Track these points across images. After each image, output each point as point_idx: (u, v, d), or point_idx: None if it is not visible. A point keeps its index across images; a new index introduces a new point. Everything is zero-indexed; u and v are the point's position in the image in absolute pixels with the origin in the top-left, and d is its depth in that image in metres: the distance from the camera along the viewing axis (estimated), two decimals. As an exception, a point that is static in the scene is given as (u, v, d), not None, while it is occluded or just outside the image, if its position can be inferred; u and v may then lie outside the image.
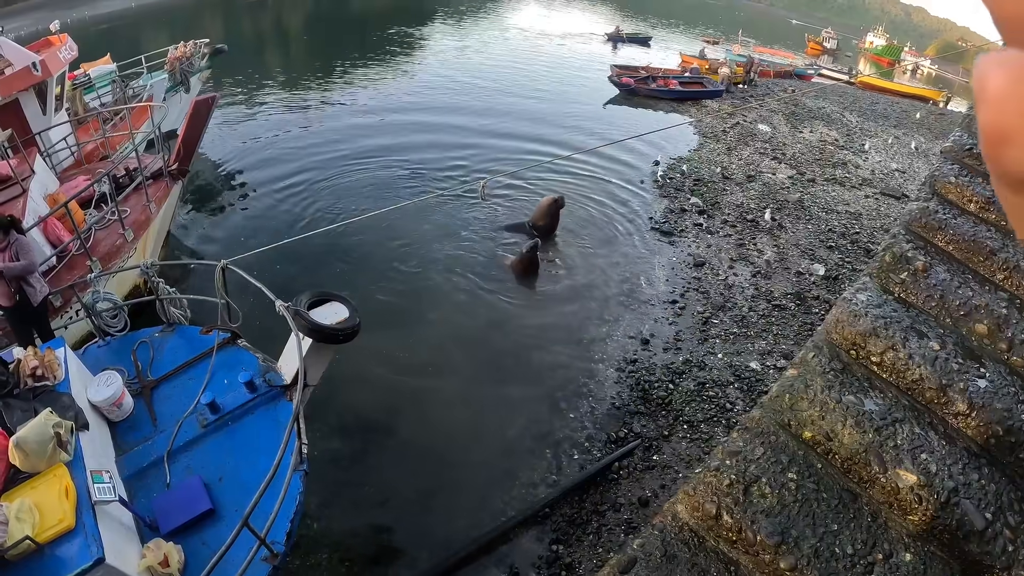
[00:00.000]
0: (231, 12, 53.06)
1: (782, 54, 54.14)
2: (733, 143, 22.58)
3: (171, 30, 38.76)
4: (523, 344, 10.45)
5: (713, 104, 28.71)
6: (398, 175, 16.51)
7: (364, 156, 17.67)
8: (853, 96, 37.29)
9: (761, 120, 26.04)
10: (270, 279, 5.60)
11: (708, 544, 2.44)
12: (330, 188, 15.50)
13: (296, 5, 59.16)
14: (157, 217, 10.71)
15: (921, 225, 4.10)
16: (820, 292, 12.61)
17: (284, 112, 22.01)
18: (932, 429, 2.81)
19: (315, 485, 6.42)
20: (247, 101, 23.07)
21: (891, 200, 18.81)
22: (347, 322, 5.48)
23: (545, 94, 27.11)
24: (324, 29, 46.11)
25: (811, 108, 29.91)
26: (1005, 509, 2.52)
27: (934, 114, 35.23)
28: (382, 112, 22.39)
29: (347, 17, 53.31)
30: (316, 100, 23.80)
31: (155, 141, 11.34)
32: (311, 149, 18.10)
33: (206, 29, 36.14)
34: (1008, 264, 3.81)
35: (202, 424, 5.51)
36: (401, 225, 12.76)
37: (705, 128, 24.17)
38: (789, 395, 2.92)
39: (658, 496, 7.66)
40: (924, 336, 3.17)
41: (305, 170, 16.47)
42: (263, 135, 19.31)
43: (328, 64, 29.66)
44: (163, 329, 6.65)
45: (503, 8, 64.69)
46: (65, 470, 4.51)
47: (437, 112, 22.73)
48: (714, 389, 9.59)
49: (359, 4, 62.50)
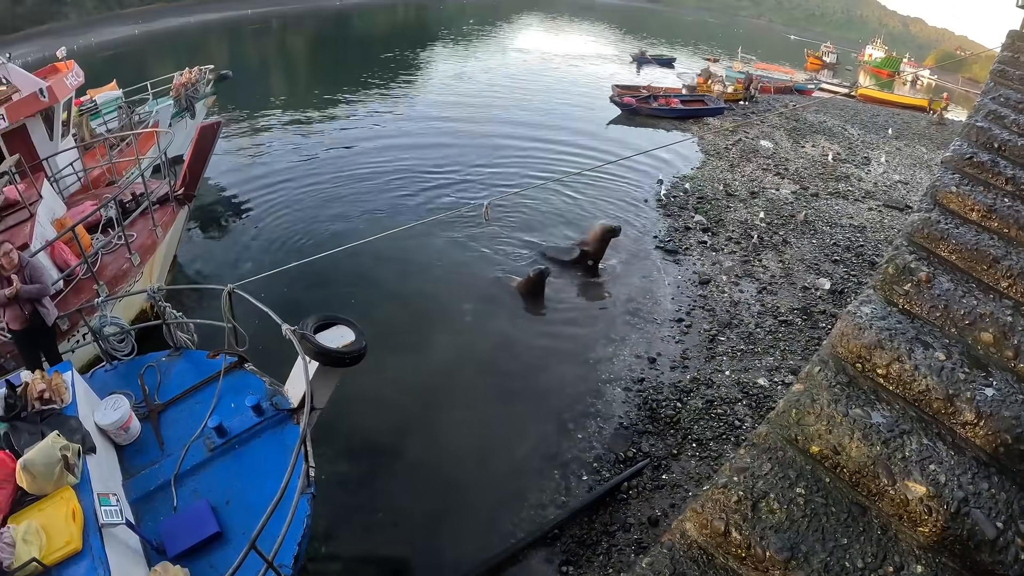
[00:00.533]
0: (236, 38, 53.58)
1: (782, 70, 54.52)
2: (736, 160, 22.66)
3: (176, 56, 39.19)
4: (530, 365, 10.45)
5: (715, 121, 28.88)
6: (402, 197, 16.60)
7: (368, 178, 17.80)
8: (854, 109, 37.46)
9: (763, 136, 26.15)
10: (276, 303, 5.63)
11: (717, 561, 2.42)
12: (334, 211, 15.59)
13: (300, 29, 59.79)
14: (163, 242, 10.77)
15: (923, 236, 4.09)
16: (826, 306, 12.60)
17: (289, 136, 22.18)
18: (940, 439, 2.79)
19: (322, 508, 6.41)
20: (252, 126, 23.26)
21: (894, 212, 18.86)
22: (353, 345, 5.49)
23: (547, 115, 27.32)
24: (328, 53, 46.62)
25: (812, 123, 30.04)
26: (1016, 518, 2.49)
27: (935, 124, 35.26)
28: (385, 135, 22.57)
29: (350, 40, 53.87)
30: (320, 123, 24.01)
31: (161, 166, 11.45)
32: (315, 172, 18.23)
33: (211, 55, 36.49)
34: (1012, 272, 3.79)
35: (209, 448, 5.52)
36: (406, 247, 12.80)
37: (707, 146, 24.29)
38: (795, 410, 2.91)
39: (668, 515, 7.63)
40: (929, 347, 3.16)
41: (310, 193, 16.58)
42: (268, 159, 19.46)
43: (332, 87, 29.90)
44: (170, 353, 6.68)
45: (504, 31, 65.29)
46: (72, 493, 4.52)
47: (439, 134, 22.91)
48: (722, 407, 9.56)
49: (362, 27, 63.18)
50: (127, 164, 13.24)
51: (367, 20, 68.75)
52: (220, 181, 17.48)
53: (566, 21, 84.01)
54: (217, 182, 17.34)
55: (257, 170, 18.44)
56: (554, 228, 15.51)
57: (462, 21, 70.34)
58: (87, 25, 49.25)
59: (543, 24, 77.85)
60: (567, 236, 15.07)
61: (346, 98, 28.01)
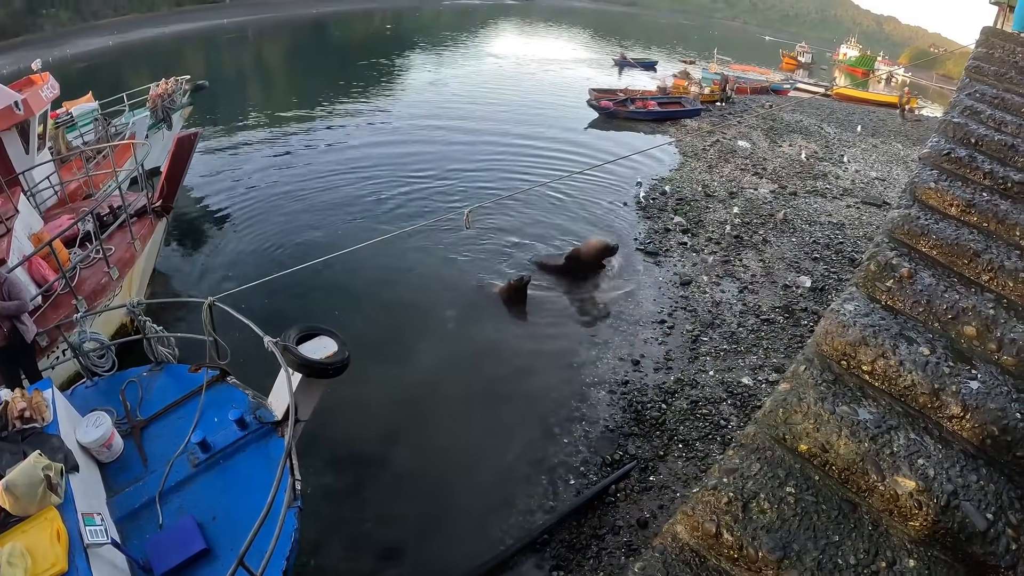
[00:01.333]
0: (212, 48, 53.29)
1: (758, 70, 54.91)
2: (714, 161, 22.81)
3: (152, 67, 38.80)
4: (514, 370, 10.43)
5: (692, 123, 29.07)
6: (382, 205, 16.54)
7: (347, 187, 17.75)
8: (830, 108, 37.89)
9: (740, 136, 26.35)
10: (257, 314, 5.58)
11: (710, 563, 2.42)
12: (314, 220, 15.51)
13: (277, 39, 59.56)
14: (142, 255, 10.67)
15: (904, 232, 4.12)
16: (808, 304, 12.67)
17: (266, 146, 22.05)
18: (927, 434, 2.81)
19: (310, 521, 6.34)
20: (229, 136, 23.11)
21: (872, 208, 19.04)
22: (336, 356, 5.44)
23: (525, 120, 27.34)
24: (304, 61, 46.41)
25: (789, 122, 30.31)
26: (1006, 508, 2.52)
27: (910, 121, 35.68)
28: (363, 143, 22.53)
29: (327, 49, 53.69)
30: (298, 132, 23.88)
31: (138, 178, 11.34)
32: (294, 182, 18.14)
33: (187, 65, 36.29)
34: (992, 265, 3.83)
35: (193, 463, 5.45)
36: (387, 256, 12.74)
37: (685, 147, 24.44)
38: (783, 409, 2.91)
39: (657, 517, 7.62)
40: (914, 342, 3.18)
41: (289, 203, 16.49)
42: (246, 169, 19.33)
43: (309, 96, 29.79)
44: (151, 368, 6.59)
45: (480, 38, 65.45)
46: (56, 513, 4.45)
47: (417, 141, 22.90)
48: (707, 407, 9.59)
49: (339, 36, 63.06)
50: (104, 177, 13.08)
51: (343, 28, 68.61)
52: (198, 192, 17.32)
53: (541, 26, 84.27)
54: (195, 193, 17.19)
55: (236, 181, 18.29)
56: (535, 233, 15.49)
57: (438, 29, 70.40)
58: (62, 37, 48.77)
59: (518, 30, 78.07)
60: (549, 241, 15.06)
61: (323, 107, 27.89)
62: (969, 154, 5.15)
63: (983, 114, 6.14)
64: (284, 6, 74.69)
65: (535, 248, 14.68)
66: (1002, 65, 7.80)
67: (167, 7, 65.11)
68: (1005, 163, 5.18)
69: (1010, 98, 6.70)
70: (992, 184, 4.82)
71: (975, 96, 6.64)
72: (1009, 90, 7.00)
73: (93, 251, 9.86)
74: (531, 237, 15.26)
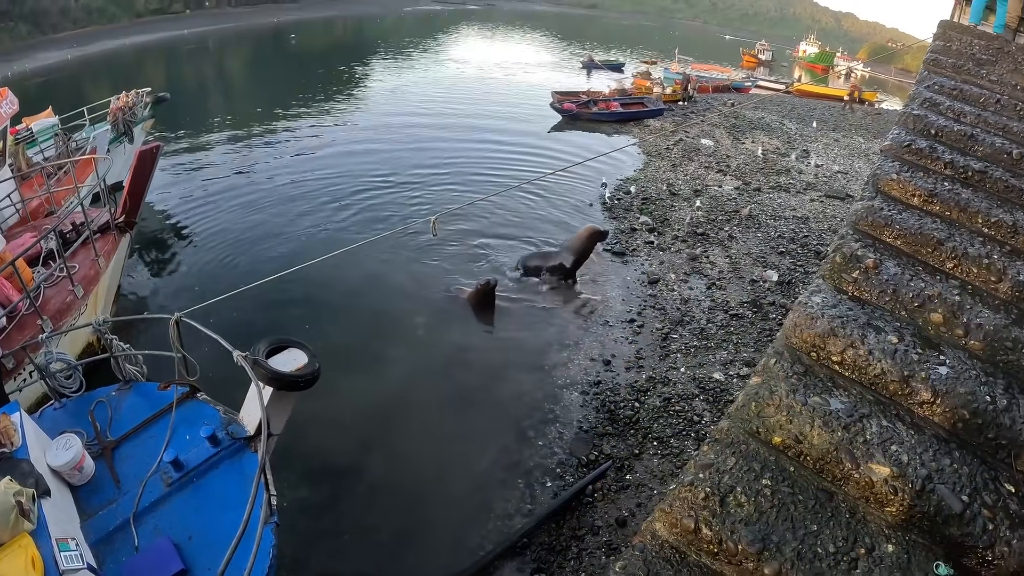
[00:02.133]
0: (173, 59, 52.63)
1: (719, 69, 55.45)
2: (678, 159, 22.98)
3: (113, 80, 38.20)
4: (486, 375, 10.39)
5: (655, 123, 29.26)
6: (348, 215, 16.41)
7: (313, 196, 17.57)
8: (791, 104, 38.47)
9: (703, 135, 26.59)
10: (225, 328, 5.49)
11: (690, 559, 2.42)
12: (281, 231, 15.33)
13: (238, 48, 59.10)
14: (107, 272, 10.50)
15: (868, 223, 4.18)
16: (776, 298, 12.79)
17: (230, 157, 21.79)
18: (899, 420, 2.84)
19: (288, 536, 6.27)
20: (192, 148, 22.82)
21: (836, 201, 19.31)
22: (307, 368, 5.38)
23: (489, 125, 27.24)
24: (266, 71, 46.07)
25: (751, 119, 30.66)
26: (981, 489, 2.56)
27: (871, 115, 36.28)
28: (327, 153, 22.35)
29: (289, 58, 53.33)
30: (261, 143, 23.62)
31: (101, 194, 11.14)
32: (259, 193, 17.93)
33: (148, 77, 35.85)
34: (956, 252, 3.90)
35: (166, 482, 5.36)
36: (355, 265, 12.63)
37: (649, 147, 24.56)
38: (755, 403, 2.93)
39: (635, 515, 7.63)
40: (882, 331, 3.22)
41: (254, 215, 16.30)
42: (210, 181, 19.08)
43: (271, 106, 29.50)
44: (120, 387, 6.47)
45: (442, 43, 65.40)
46: (30, 540, 4.34)
47: (382, 149, 22.75)
48: (680, 403, 9.62)
49: (300, 44, 62.58)
50: (66, 193, 12.85)
51: (305, 37, 68.16)
52: (162, 206, 17.04)
53: (503, 31, 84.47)
54: (159, 207, 16.91)
55: (199, 193, 18.00)
56: (502, 236, 15.47)
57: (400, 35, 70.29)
58: (21, 51, 47.81)
59: (480, 35, 78.13)
60: (517, 244, 15.05)
61: (287, 116, 27.63)
62: (930, 145, 5.23)
63: (942, 105, 6.25)
64: (245, 16, 74.09)
65: (502, 252, 14.64)
66: (959, 57, 7.95)
67: (127, 19, 64.22)
68: (965, 153, 5.28)
69: (968, 89, 6.83)
70: (953, 173, 4.90)
71: (934, 88, 6.76)
72: (967, 81, 7.14)
73: (57, 270, 9.68)
74: (498, 241, 15.23)
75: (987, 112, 6.29)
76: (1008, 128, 5.94)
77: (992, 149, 5.38)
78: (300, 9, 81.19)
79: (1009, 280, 3.73)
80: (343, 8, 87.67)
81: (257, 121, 26.71)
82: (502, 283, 12.91)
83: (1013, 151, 5.34)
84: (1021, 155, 5.30)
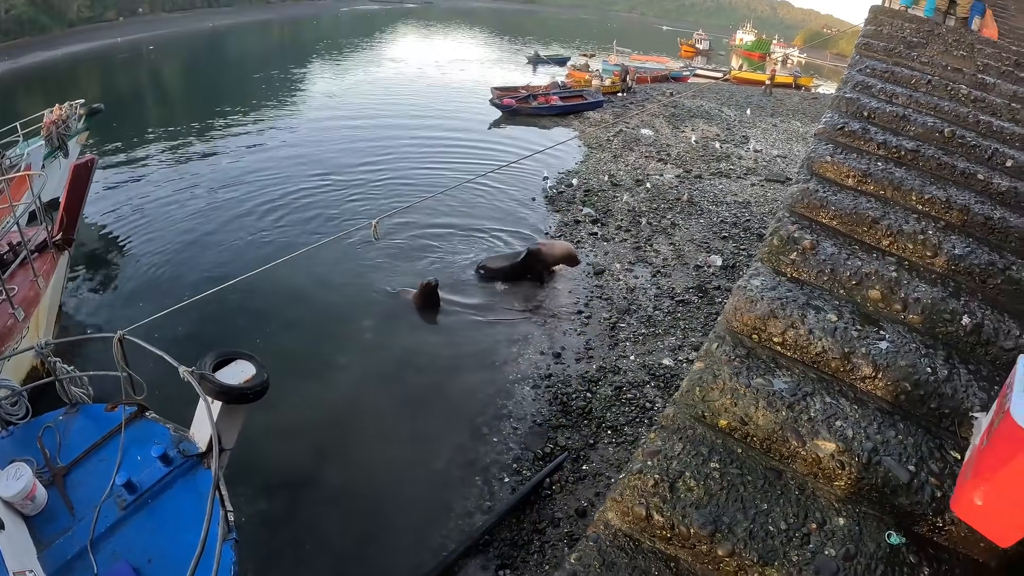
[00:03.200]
0: (107, 69, 51.22)
1: (657, 59, 55.91)
2: (618, 150, 23.13)
3: (46, 93, 36.97)
4: (437, 375, 10.32)
5: (595, 115, 29.39)
6: (289, 222, 16.14)
7: (252, 205, 17.20)
8: (729, 92, 39.03)
9: (643, 125, 26.81)
10: (171, 344, 5.42)
11: (644, 546, 2.45)
12: (222, 241, 15.02)
13: (173, 56, 57.76)
14: (47, 292, 10.20)
15: (804, 205, 4.27)
16: (720, 282, 12.98)
17: (167, 167, 21.25)
18: (843, 396, 2.91)
19: (248, 551, 6.18)
20: (129, 159, 22.22)
21: (776, 185, 19.68)
22: (255, 379, 5.28)
23: (429, 124, 27.03)
24: (203, 77, 45.18)
25: (690, 108, 31.03)
26: (926, 459, 2.64)
27: (807, 99, 37.02)
28: (266, 160, 21.92)
29: (226, 63, 52.46)
30: (199, 151, 23.09)
31: (37, 212, 10.83)
32: (198, 203, 17.52)
33: (83, 88, 34.88)
34: (891, 230, 4.00)
35: (121, 506, 5.22)
36: (300, 272, 12.45)
37: (590, 139, 24.70)
38: (699, 388, 2.98)
39: (594, 504, 7.68)
40: (821, 310, 3.29)
41: (194, 226, 15.93)
42: (148, 193, 18.58)
43: (209, 113, 28.85)
44: (67, 411, 6.28)
45: (380, 43, 64.79)
46: (-14, 577, 4.23)
47: (321, 153, 22.42)
48: (631, 391, 9.70)
49: (235, 49, 61.64)
50: (1, 213, 12.48)
51: (240, 41, 67.08)
52: (99, 220, 16.51)
53: (441, 28, 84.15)
54: (96, 222, 16.39)
55: (137, 206, 17.46)
56: (446, 236, 15.36)
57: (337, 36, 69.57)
58: (-51, 67, 46.25)
59: (418, 33, 77.68)
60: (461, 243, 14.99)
61: (223, 123, 27.02)
62: (862, 127, 5.36)
63: (874, 88, 6.41)
64: (179, 21, 72.45)
65: (447, 250, 14.58)
66: (891, 40, 8.16)
67: (59, 29, 62.39)
68: (897, 133, 5.42)
69: (899, 71, 7.02)
70: (886, 154, 5.03)
71: (866, 71, 6.93)
72: (899, 64, 7.33)
73: (-5, 293, 9.40)
74: (441, 239, 15.15)
75: (918, 93, 6.47)
76: (939, 108, 6.12)
77: (924, 128, 5.53)
78: (236, 13, 79.68)
79: (945, 254, 3.85)
80: (279, 10, 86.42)
81: (194, 129, 26.13)
82: (448, 281, 12.84)
83: (944, 129, 5.51)
84: (952, 133, 5.47)
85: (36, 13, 61.64)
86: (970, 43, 8.54)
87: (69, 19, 65.54)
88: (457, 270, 13.81)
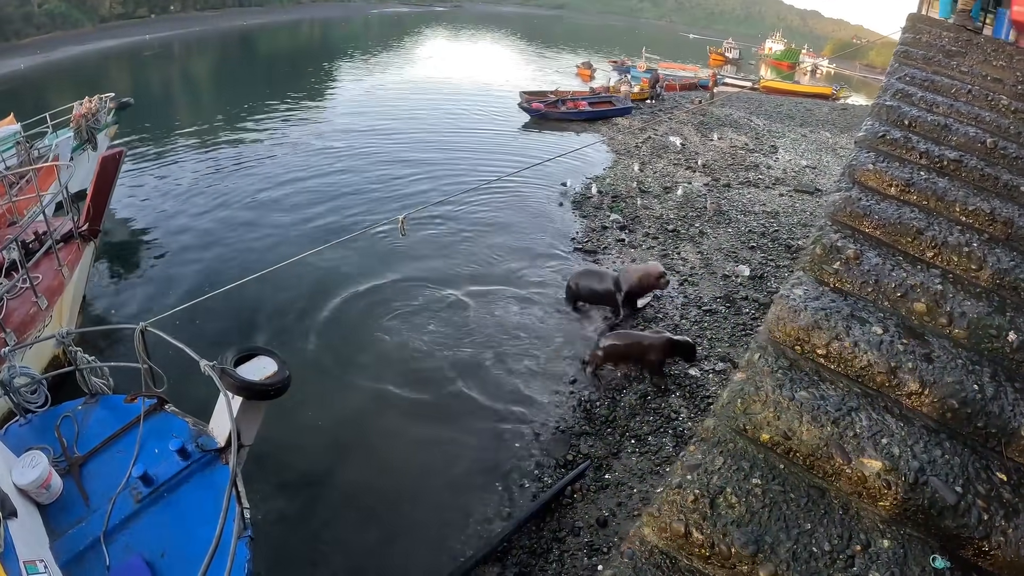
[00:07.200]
0: (136, 64, 51.84)
1: (686, 67, 55.78)
2: (647, 157, 23.04)
3: (77, 86, 37.41)
4: (459, 379, 10.24)
5: (624, 121, 29.33)
6: (315, 217, 16.23)
7: (278, 200, 17.37)
8: (758, 101, 38.88)
9: (672, 132, 26.72)
10: (192, 337, 5.33)
11: (682, 564, 2.34)
12: (246, 236, 15.10)
13: (203, 51, 58.50)
14: (71, 282, 10.25)
15: (846, 214, 4.14)
16: (748, 292, 12.80)
17: (195, 161, 21.47)
18: (888, 412, 2.79)
19: (263, 549, 6.11)
20: (157, 153, 22.46)
21: (805, 196, 19.48)
22: (276, 376, 5.22)
23: (457, 126, 27.28)
24: (232, 74, 45.66)
25: (719, 116, 30.89)
26: (973, 480, 2.53)
27: (837, 110, 36.71)
28: (294, 155, 22.14)
29: (255, 61, 52.92)
30: (226, 146, 23.32)
31: (63, 202, 10.89)
32: (224, 197, 17.68)
33: (113, 83, 35.28)
34: (936, 241, 3.87)
35: (136, 498, 5.18)
36: (323, 269, 12.46)
37: (618, 145, 24.65)
38: (741, 400, 2.86)
39: (616, 515, 7.55)
40: (866, 322, 3.17)
41: (219, 220, 16.05)
42: (175, 187, 18.77)
43: (237, 110, 29.16)
44: (86, 401, 6.28)
45: (409, 45, 65.17)
46: (-3, 563, 4.19)
47: (349, 151, 22.61)
48: (656, 400, 9.57)
49: (265, 46, 62.21)
50: (28, 202, 12.52)
51: (271, 40, 67.65)
52: (126, 213, 16.71)
53: (470, 32, 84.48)
54: (123, 215, 16.58)
55: (164, 199, 17.67)
56: (472, 237, 15.34)
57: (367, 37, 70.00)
58: (-17, 59, 46.99)
59: (447, 37, 78.04)
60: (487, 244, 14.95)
61: (252, 119, 27.27)
62: (904, 135, 5.22)
63: (914, 96, 6.26)
64: (211, 19, 73.39)
65: (473, 251, 14.55)
66: (930, 49, 8.00)
67: (91, 24, 63.31)
68: (939, 142, 5.28)
69: (939, 80, 6.86)
70: (929, 163, 4.89)
71: (905, 80, 6.78)
72: (938, 72, 7.17)
73: (20, 281, 9.42)
74: (468, 241, 15.13)
75: (959, 102, 6.31)
76: (980, 117, 5.96)
77: (966, 138, 5.39)
78: (266, 13, 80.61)
79: (989, 268, 3.71)
80: (308, 11, 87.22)
81: (222, 125, 26.40)
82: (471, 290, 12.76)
83: (987, 140, 5.36)
84: (995, 144, 5.32)
85: (69, 8, 62.61)
86: (1009, 53, 8.36)
87: (101, 15, 66.55)
88: (483, 266, 13.82)
